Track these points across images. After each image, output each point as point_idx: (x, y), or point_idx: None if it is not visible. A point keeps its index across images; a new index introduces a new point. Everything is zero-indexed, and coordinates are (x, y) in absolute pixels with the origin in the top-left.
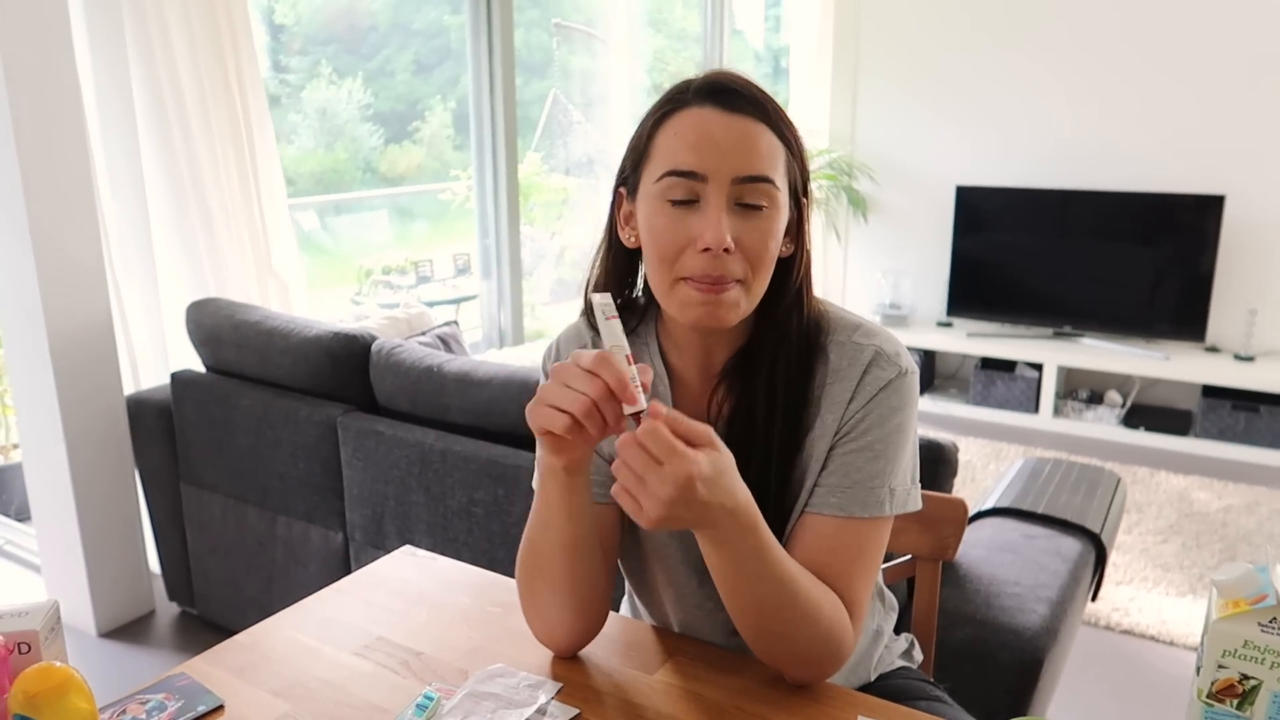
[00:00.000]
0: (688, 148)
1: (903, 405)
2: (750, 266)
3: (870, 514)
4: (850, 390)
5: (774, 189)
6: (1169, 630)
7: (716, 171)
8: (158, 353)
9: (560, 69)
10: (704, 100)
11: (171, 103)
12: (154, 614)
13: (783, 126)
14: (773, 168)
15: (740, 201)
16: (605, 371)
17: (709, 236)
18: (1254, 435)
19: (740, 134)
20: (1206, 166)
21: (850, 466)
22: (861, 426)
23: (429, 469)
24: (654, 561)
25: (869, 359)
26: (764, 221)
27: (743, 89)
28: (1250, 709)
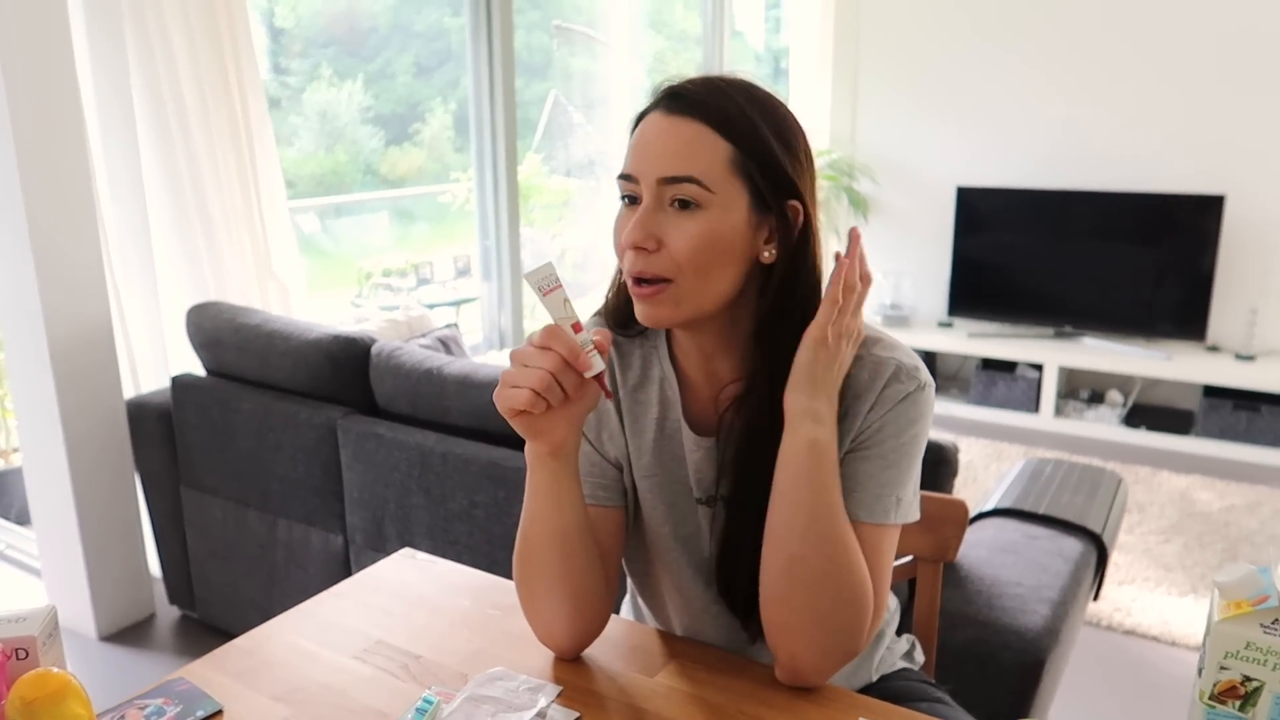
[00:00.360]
0: (631, 150)
1: (919, 418)
2: (679, 266)
3: (875, 520)
4: (869, 402)
5: (701, 190)
6: (1171, 631)
7: (645, 173)
8: (158, 356)
9: (560, 70)
10: (657, 105)
11: (171, 105)
12: (154, 617)
13: (736, 128)
14: (699, 167)
15: (672, 201)
16: (555, 343)
17: (626, 235)
18: (1255, 434)
19: (668, 135)
20: (1207, 166)
21: (862, 473)
22: (879, 436)
23: (429, 471)
24: (660, 567)
25: (890, 372)
26: (691, 222)
27: (689, 91)
28: (1252, 710)
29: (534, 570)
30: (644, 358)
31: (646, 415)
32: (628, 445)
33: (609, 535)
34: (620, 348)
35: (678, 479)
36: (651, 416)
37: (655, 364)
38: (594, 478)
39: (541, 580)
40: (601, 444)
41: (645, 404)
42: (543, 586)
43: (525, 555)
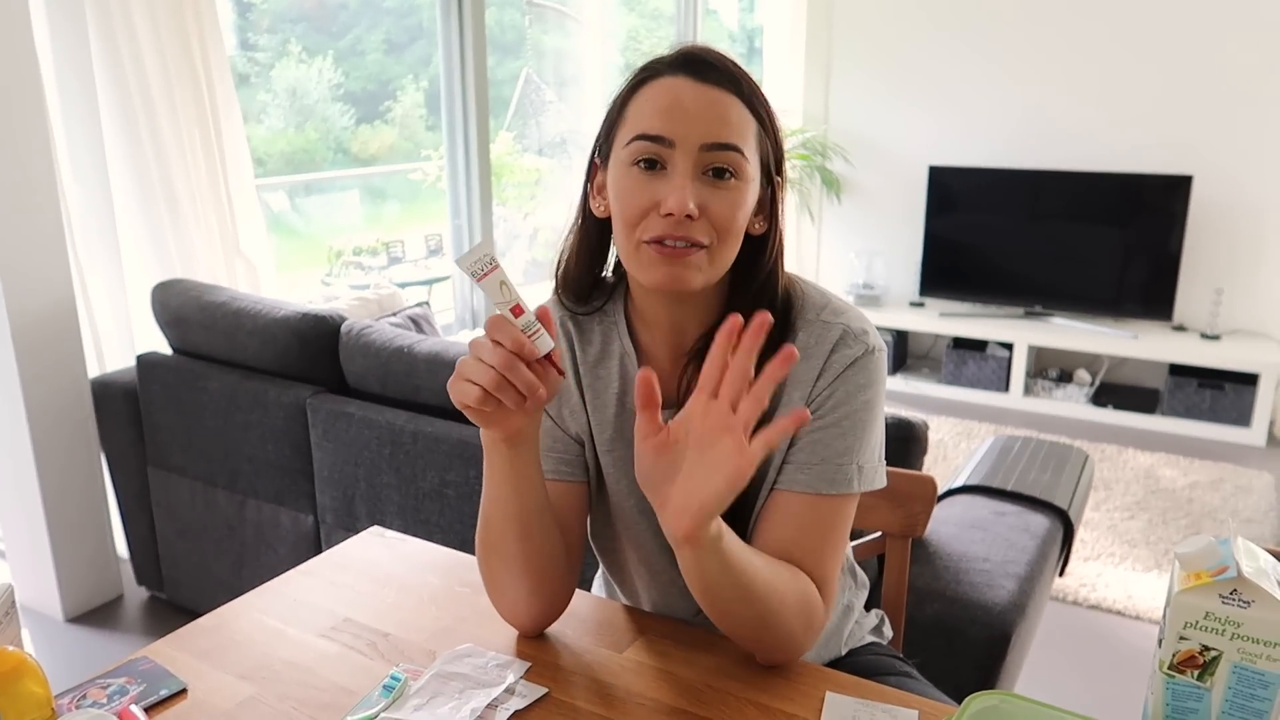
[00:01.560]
0: (658, 113)
1: (870, 383)
2: (716, 234)
3: (838, 491)
4: (818, 368)
5: (742, 159)
6: (1135, 605)
7: (685, 137)
8: (123, 335)
9: (533, 48)
10: (677, 70)
11: (134, 81)
12: (122, 599)
13: (755, 101)
14: (741, 138)
15: (708, 169)
16: (500, 335)
17: (672, 201)
18: (1219, 413)
19: (710, 102)
20: (1175, 147)
21: (818, 444)
22: (829, 404)
23: (400, 450)
24: (626, 541)
25: (836, 337)
26: (732, 192)
27: (716, 61)
28: (1210, 679)
29: (495, 551)
30: (604, 333)
31: (608, 390)
32: (589, 420)
33: (571, 510)
34: (579, 323)
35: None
36: (612, 392)
37: (615, 339)
38: (555, 453)
39: (502, 561)
40: (563, 419)
41: (606, 379)
42: (504, 567)
43: (486, 536)
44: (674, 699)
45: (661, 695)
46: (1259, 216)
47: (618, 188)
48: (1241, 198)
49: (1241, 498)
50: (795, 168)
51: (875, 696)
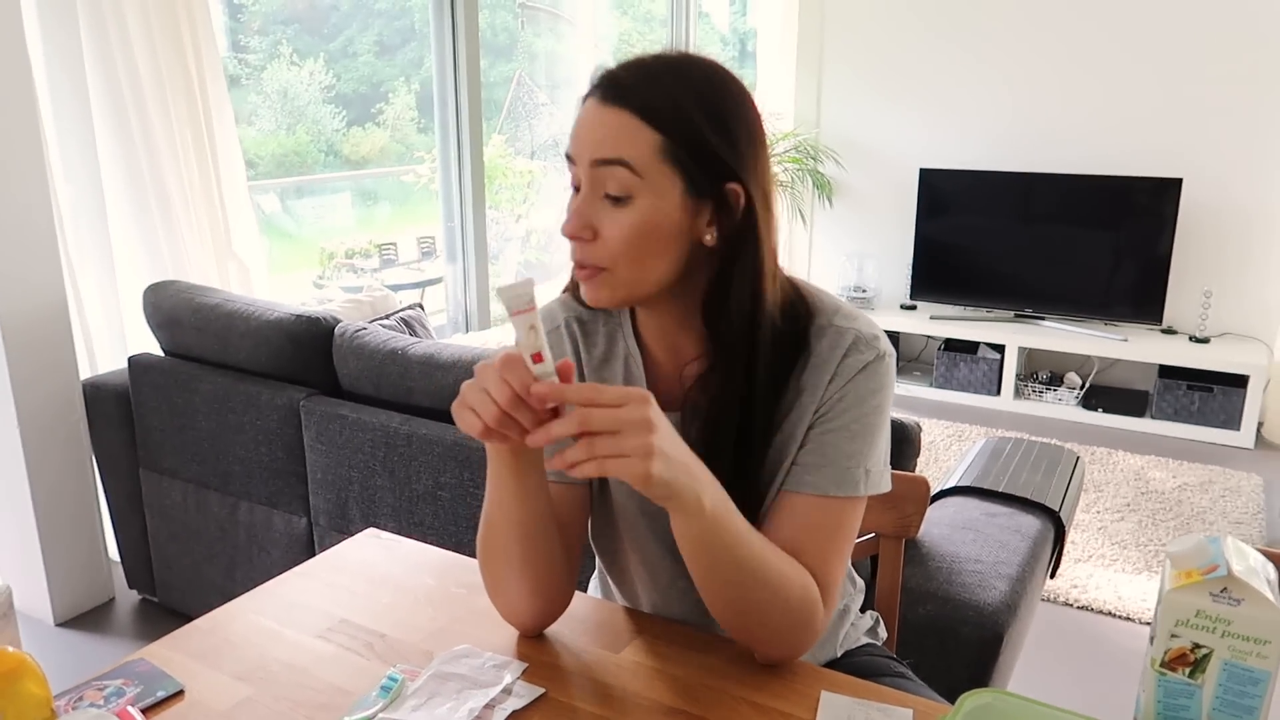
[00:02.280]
0: (571, 136)
1: (880, 388)
2: (612, 255)
3: (845, 493)
4: (830, 372)
5: (628, 173)
6: (1125, 606)
7: (580, 156)
8: (115, 337)
9: (525, 51)
10: (595, 90)
11: (126, 82)
12: (113, 602)
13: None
14: (629, 151)
15: (605, 191)
16: (511, 376)
17: (562, 225)
18: (1208, 415)
19: (602, 121)
20: (1164, 150)
21: (828, 446)
22: (840, 407)
23: (394, 452)
24: (627, 542)
25: (849, 342)
26: (624, 214)
27: (620, 78)
28: (1202, 676)
29: (497, 554)
30: (609, 334)
31: None
32: None
33: (571, 512)
34: (585, 325)
35: None
36: None
37: (620, 340)
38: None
39: (505, 564)
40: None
41: (610, 380)
42: (506, 569)
43: (489, 540)
44: (671, 699)
45: (658, 695)
46: (1248, 219)
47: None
48: (1231, 201)
49: (1230, 499)
50: (786, 170)
51: (871, 696)
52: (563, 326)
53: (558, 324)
